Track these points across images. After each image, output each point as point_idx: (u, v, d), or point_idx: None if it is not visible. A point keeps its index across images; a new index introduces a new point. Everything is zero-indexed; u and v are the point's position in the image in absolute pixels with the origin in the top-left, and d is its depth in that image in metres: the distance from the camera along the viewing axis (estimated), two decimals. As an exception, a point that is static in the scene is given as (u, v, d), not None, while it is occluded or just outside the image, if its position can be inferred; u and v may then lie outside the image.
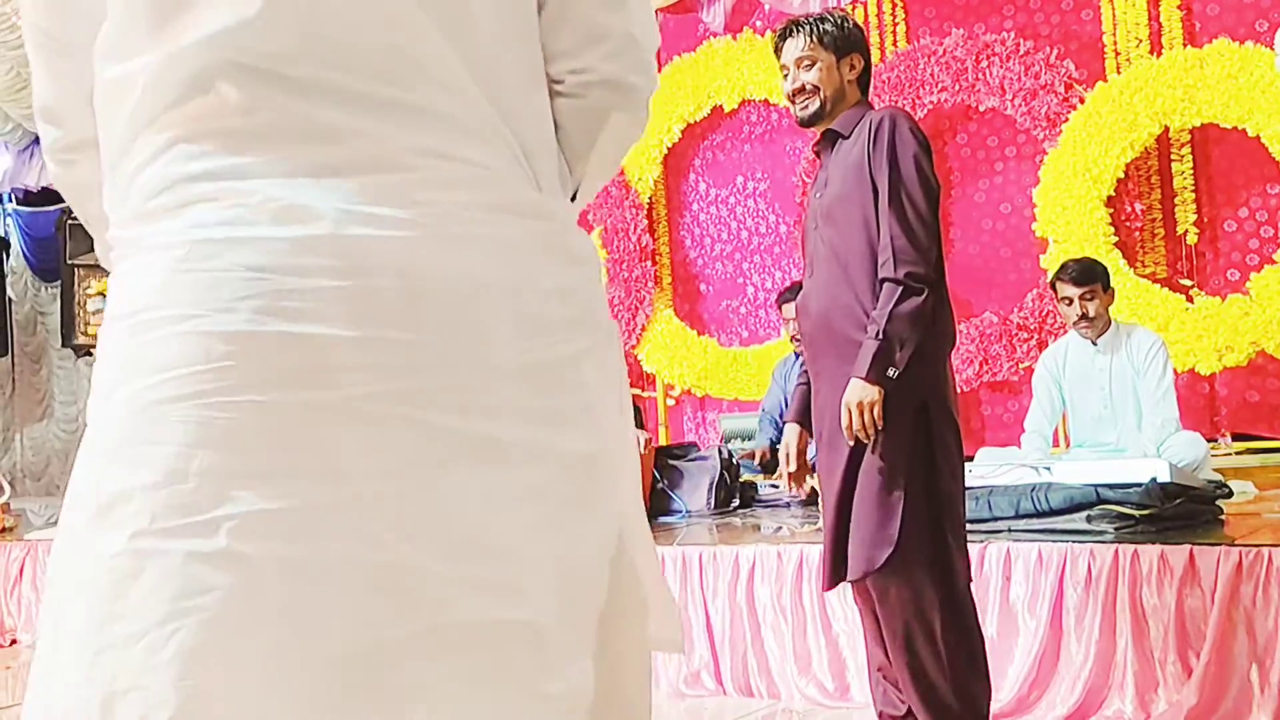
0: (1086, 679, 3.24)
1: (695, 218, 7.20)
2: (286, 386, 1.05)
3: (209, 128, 1.09)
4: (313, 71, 1.09)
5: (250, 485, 1.03)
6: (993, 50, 5.93)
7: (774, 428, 5.77)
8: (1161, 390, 4.61)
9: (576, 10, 1.24)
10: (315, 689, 1.02)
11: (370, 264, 1.07)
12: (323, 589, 1.03)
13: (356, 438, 1.06)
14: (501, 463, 1.11)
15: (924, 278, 2.70)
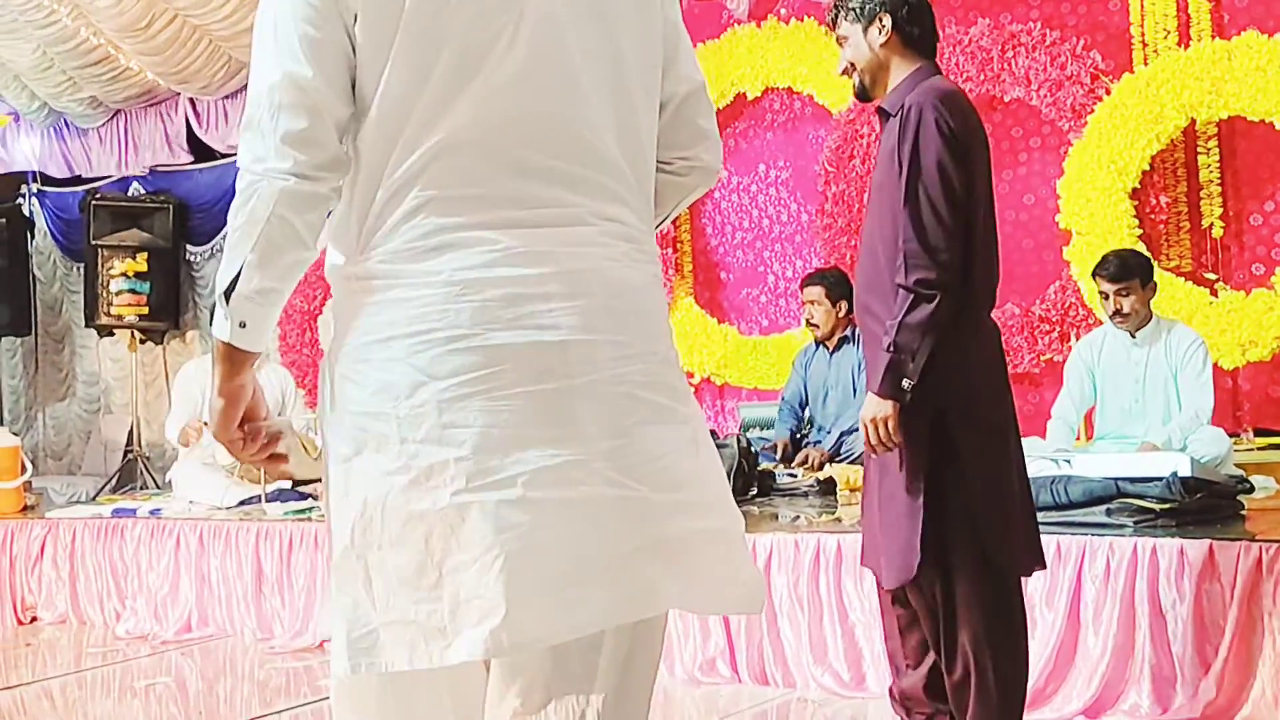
0: (1104, 672, 3.24)
1: (717, 205, 7.19)
2: (544, 380, 1.52)
3: (459, 195, 1.54)
4: (533, 156, 1.56)
5: (530, 450, 1.51)
6: (1019, 40, 5.89)
7: (794, 417, 5.75)
8: (1200, 382, 4.59)
9: (687, 117, 1.76)
10: (587, 586, 1.50)
11: (585, 289, 1.56)
12: (585, 518, 1.51)
13: (591, 410, 1.54)
14: (672, 422, 1.61)
15: (936, 283, 2.59)
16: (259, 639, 4.92)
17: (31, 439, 9.78)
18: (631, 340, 1.59)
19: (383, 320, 1.54)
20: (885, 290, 2.68)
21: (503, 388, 1.51)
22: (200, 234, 9.18)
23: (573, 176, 1.58)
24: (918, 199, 2.63)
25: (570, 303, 1.55)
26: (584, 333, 1.55)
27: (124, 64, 8.55)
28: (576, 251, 1.57)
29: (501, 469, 1.50)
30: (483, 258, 1.52)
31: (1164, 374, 4.67)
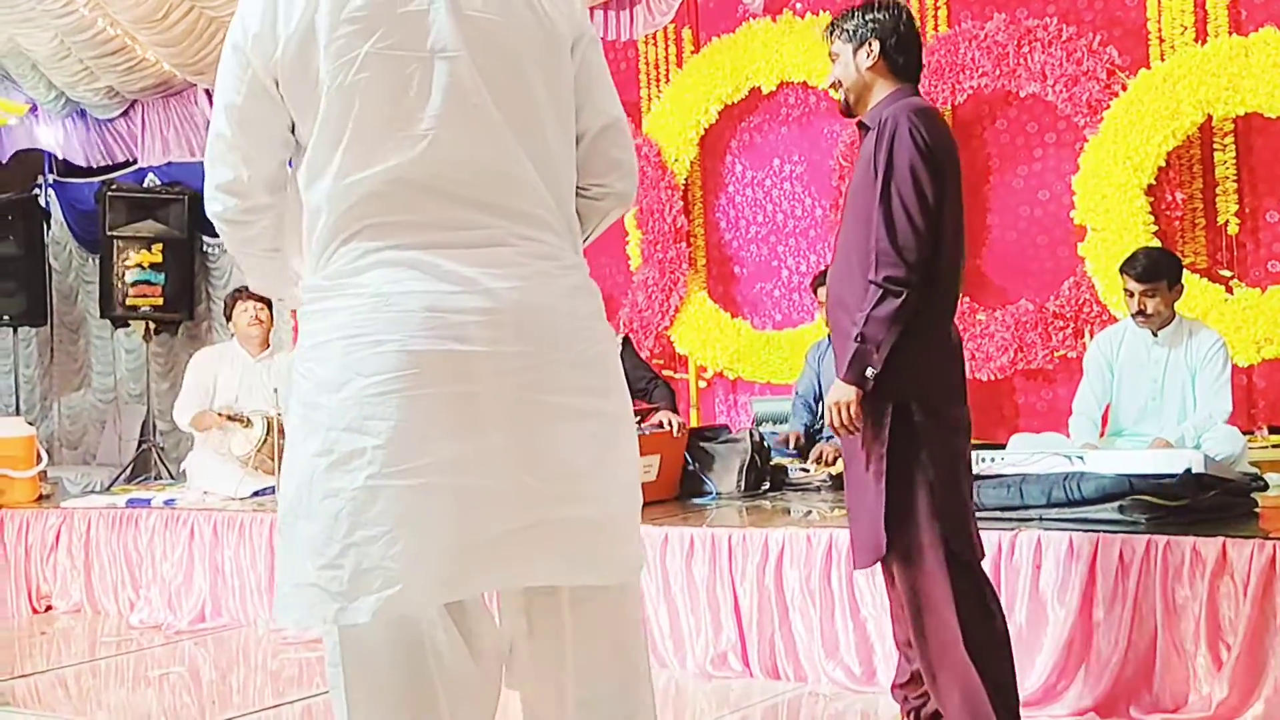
0: (1115, 669, 3.23)
1: (731, 200, 7.18)
2: (453, 382, 1.78)
3: (388, 221, 1.80)
4: (454, 187, 1.81)
5: (436, 444, 1.76)
6: (1035, 35, 5.87)
7: (807, 412, 5.75)
8: (1219, 384, 4.58)
9: (601, 149, 2.02)
10: (475, 558, 1.78)
11: (498, 305, 1.81)
12: (479, 502, 1.78)
13: (493, 410, 1.80)
14: (573, 420, 1.87)
15: (903, 280, 2.76)
16: (272, 629, 4.94)
17: (46, 429, 9.82)
18: (538, 350, 1.85)
19: (325, 325, 1.83)
20: (857, 288, 2.85)
21: (416, 388, 1.78)
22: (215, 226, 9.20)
23: (492, 203, 1.84)
24: (890, 201, 2.79)
25: (483, 317, 1.81)
26: (492, 344, 1.81)
27: (140, 54, 8.57)
28: (494, 271, 1.83)
29: (410, 458, 1.76)
30: (406, 274, 1.80)
31: (1183, 376, 4.66)
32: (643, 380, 5.24)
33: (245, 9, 1.84)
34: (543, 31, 1.91)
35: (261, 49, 1.81)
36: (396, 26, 1.80)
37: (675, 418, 4.89)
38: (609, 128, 2.04)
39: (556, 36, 1.93)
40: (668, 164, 7.05)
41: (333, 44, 1.78)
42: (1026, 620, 3.38)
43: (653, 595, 4.06)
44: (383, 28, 1.79)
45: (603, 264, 7.24)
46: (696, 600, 3.97)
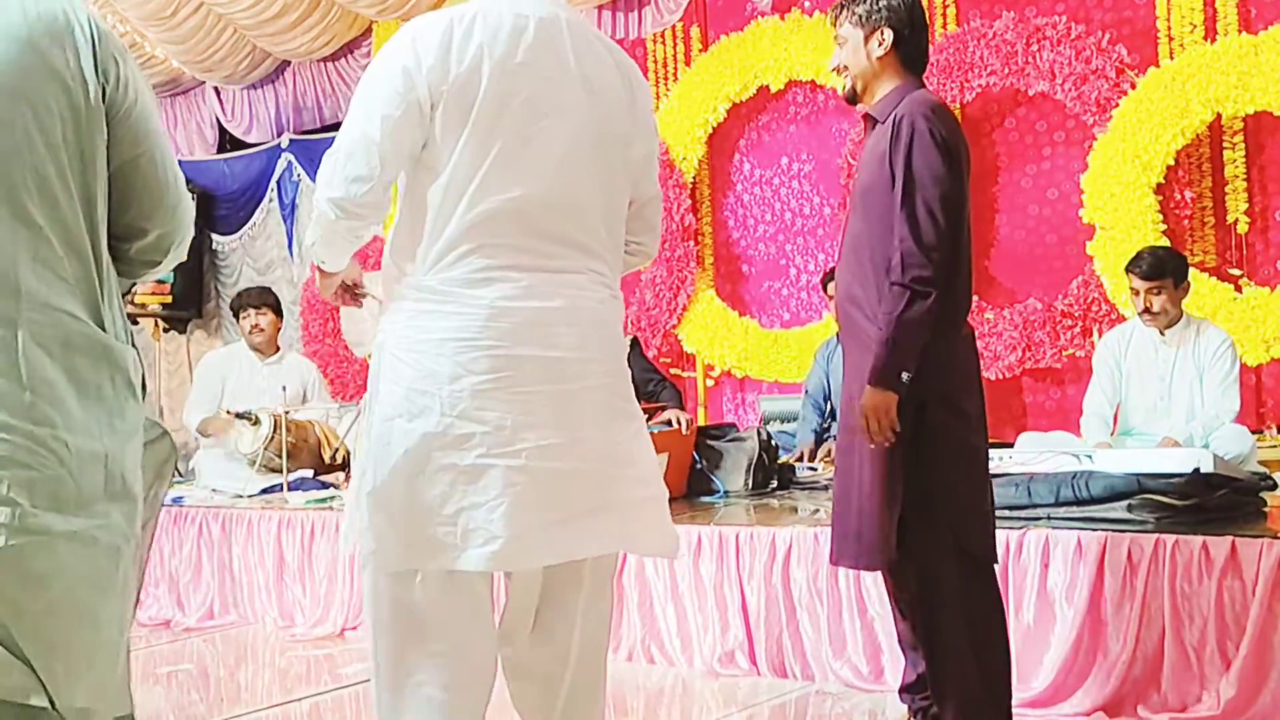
0: (1124, 669, 3.23)
1: (739, 198, 7.18)
2: (548, 382, 2.20)
3: (501, 243, 2.19)
4: (551, 223, 2.23)
5: (533, 432, 2.18)
6: (1044, 34, 5.87)
7: (817, 413, 5.74)
8: (1226, 383, 4.57)
9: (646, 216, 2.49)
10: (562, 529, 2.20)
11: (579, 320, 2.24)
12: (567, 483, 2.20)
13: (578, 407, 2.23)
14: (628, 418, 2.34)
15: (931, 280, 2.72)
16: (280, 627, 4.95)
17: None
18: (605, 359, 2.29)
19: (439, 325, 2.19)
20: (870, 284, 2.82)
21: (518, 385, 2.18)
22: (225, 223, 9.23)
23: (574, 239, 2.26)
24: (914, 202, 2.75)
25: (569, 329, 2.23)
26: (578, 351, 2.23)
27: (149, 51, 8.60)
28: (573, 293, 2.25)
29: (512, 443, 2.17)
30: (513, 290, 2.19)
31: (1191, 375, 4.65)
32: (650, 382, 5.25)
33: (424, 41, 2.18)
34: (633, 117, 2.38)
35: (432, 78, 2.17)
36: (541, 85, 2.22)
37: (683, 415, 4.89)
38: (653, 200, 2.50)
39: (641, 122, 2.40)
40: (676, 162, 7.05)
41: (492, 87, 2.17)
42: (1034, 619, 3.37)
43: (660, 593, 4.06)
44: (531, 83, 2.20)
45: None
46: (704, 598, 3.97)
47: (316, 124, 8.77)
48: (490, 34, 2.19)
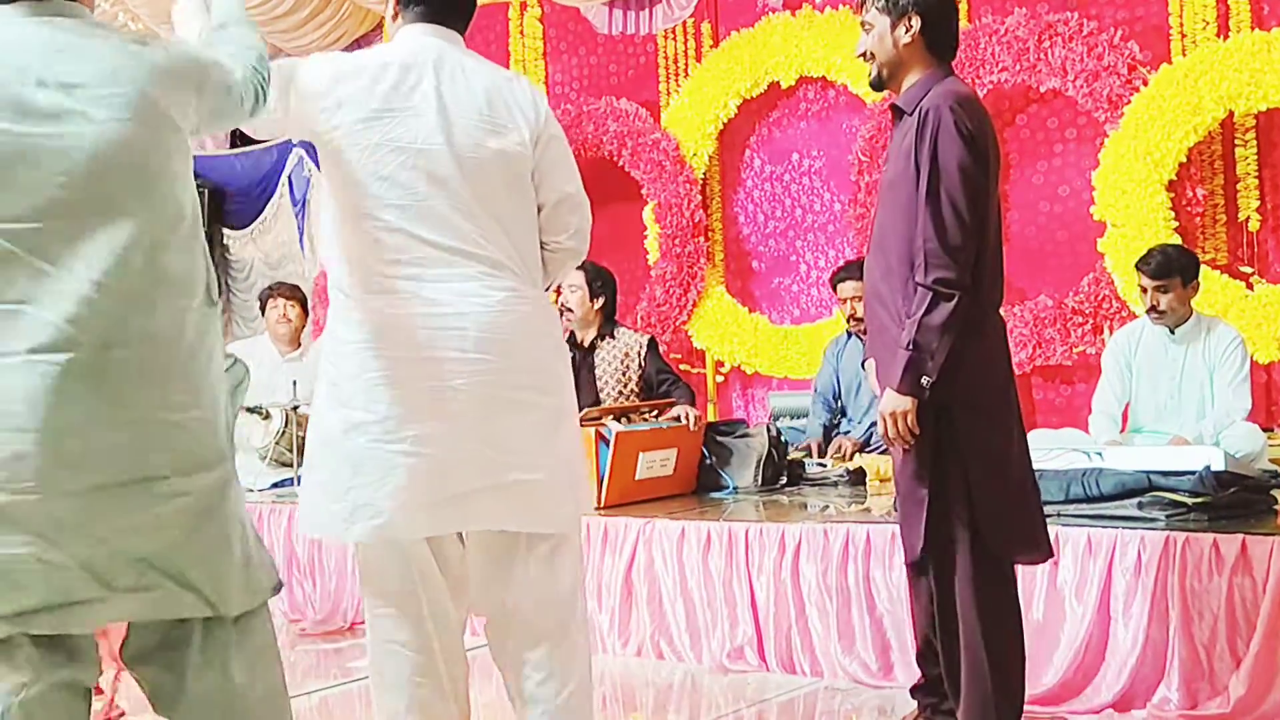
0: (1133, 666, 3.23)
1: (749, 194, 7.18)
2: (429, 379, 2.51)
3: (388, 258, 2.52)
4: (427, 236, 2.53)
5: (415, 424, 2.49)
6: (1055, 30, 5.85)
7: (826, 409, 5.74)
8: (1236, 382, 4.55)
9: (558, 216, 2.72)
10: (443, 507, 2.52)
11: (466, 322, 2.53)
12: (448, 467, 2.51)
13: (461, 400, 2.52)
14: (522, 410, 2.59)
15: (955, 282, 2.66)
16: (290, 620, 4.96)
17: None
18: (494, 355, 2.54)
19: (346, 331, 2.56)
20: (895, 283, 2.78)
21: (405, 383, 2.50)
22: (236, 218, 9.24)
23: (458, 249, 2.55)
24: (939, 198, 2.69)
25: (453, 331, 2.52)
26: (459, 351, 2.52)
27: (161, 49, 8.60)
28: (459, 298, 2.53)
29: (397, 432, 2.49)
30: (398, 300, 2.52)
31: (1201, 374, 4.63)
32: (664, 382, 5.26)
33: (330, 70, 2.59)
34: (512, 134, 2.65)
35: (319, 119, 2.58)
36: (404, 120, 2.55)
37: (692, 411, 4.90)
38: (563, 200, 2.72)
39: (534, 136, 2.68)
40: (686, 158, 7.05)
41: (361, 129, 2.53)
42: (1044, 616, 3.37)
43: (669, 589, 4.07)
44: (392, 121, 2.55)
45: (621, 259, 7.24)
46: (713, 594, 3.98)
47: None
48: (364, 82, 2.56)
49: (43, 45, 1.93)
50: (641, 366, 5.29)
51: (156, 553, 1.92)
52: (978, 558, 2.76)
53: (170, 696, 2.02)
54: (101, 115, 1.91)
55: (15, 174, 1.87)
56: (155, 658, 2.02)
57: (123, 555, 1.89)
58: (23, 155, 1.87)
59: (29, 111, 1.89)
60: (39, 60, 1.91)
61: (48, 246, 1.88)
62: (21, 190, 1.87)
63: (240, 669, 2.03)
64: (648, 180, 7.10)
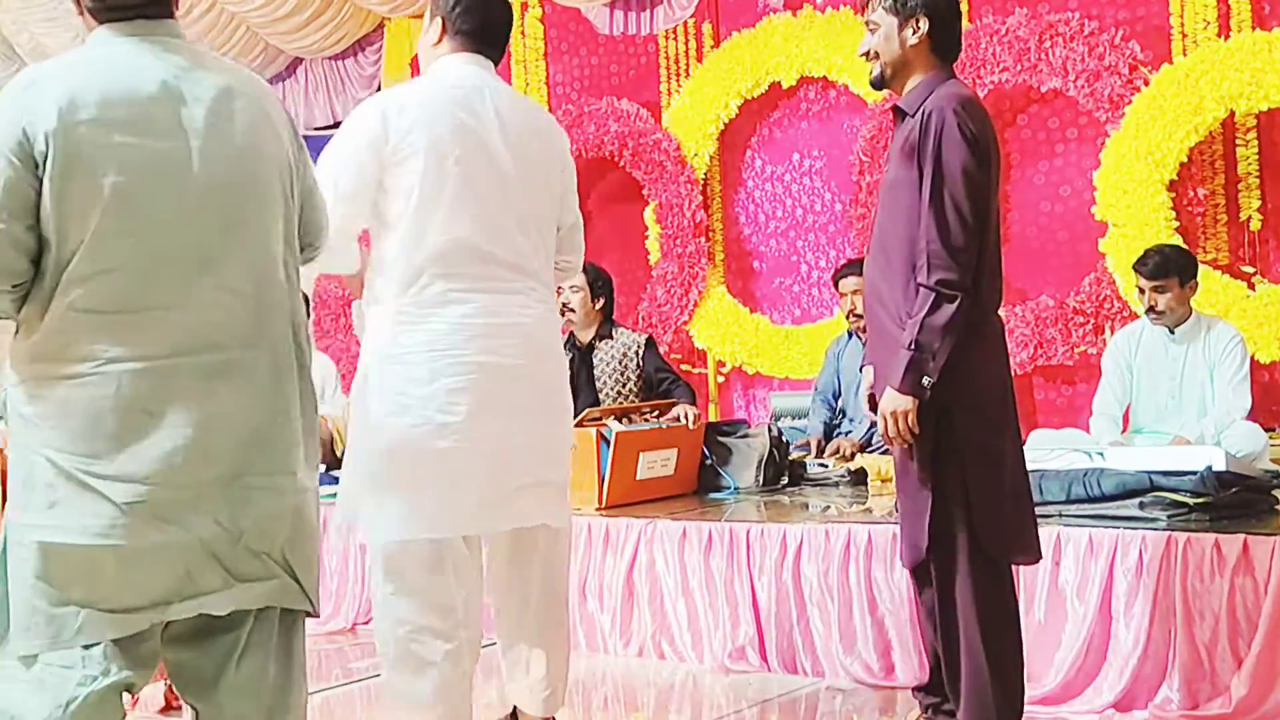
0: (1134, 666, 3.23)
1: (750, 194, 7.17)
2: (498, 383, 2.74)
3: (454, 271, 2.72)
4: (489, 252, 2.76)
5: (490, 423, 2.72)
6: (1056, 30, 5.85)
7: (827, 409, 5.74)
8: (1236, 381, 4.55)
9: (570, 237, 3.04)
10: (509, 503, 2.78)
11: (517, 333, 2.77)
12: (511, 466, 2.77)
13: (518, 404, 2.77)
14: (556, 411, 2.91)
15: (957, 284, 2.68)
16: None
17: None
18: (540, 365, 2.83)
19: (415, 340, 2.70)
20: (896, 284, 2.79)
21: (478, 386, 2.71)
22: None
23: (512, 264, 2.78)
24: (942, 200, 2.70)
25: (511, 340, 2.75)
26: (515, 358, 2.76)
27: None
28: (514, 310, 2.77)
29: (473, 432, 2.69)
30: (470, 310, 2.71)
31: (1202, 373, 4.63)
32: (664, 381, 5.26)
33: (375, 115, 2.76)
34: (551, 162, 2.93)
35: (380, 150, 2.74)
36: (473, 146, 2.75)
37: (691, 411, 4.90)
38: (575, 224, 3.05)
39: (557, 165, 2.95)
40: (687, 159, 7.05)
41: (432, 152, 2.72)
42: (1045, 616, 3.37)
43: (670, 589, 4.07)
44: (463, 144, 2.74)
45: (622, 259, 7.24)
46: (715, 594, 3.98)
47: (328, 120, 8.79)
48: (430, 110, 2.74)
49: (174, 60, 2.05)
50: (640, 366, 5.30)
51: (276, 545, 2.06)
52: (976, 559, 2.76)
53: (207, 682, 2.08)
54: (236, 127, 2.06)
55: (163, 186, 1.98)
56: (198, 642, 2.07)
57: (250, 546, 2.03)
58: (171, 167, 1.99)
59: (176, 125, 2.01)
60: (176, 74, 2.04)
61: (191, 253, 2.00)
62: (168, 201, 1.98)
63: (279, 663, 2.12)
64: (648, 180, 7.10)
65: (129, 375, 1.94)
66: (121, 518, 1.92)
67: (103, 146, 1.94)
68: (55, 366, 1.95)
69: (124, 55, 2.03)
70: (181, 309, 1.98)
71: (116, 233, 1.94)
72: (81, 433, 1.93)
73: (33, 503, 1.94)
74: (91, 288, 1.94)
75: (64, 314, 1.94)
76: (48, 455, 1.94)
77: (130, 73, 2.00)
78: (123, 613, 1.94)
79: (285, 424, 2.08)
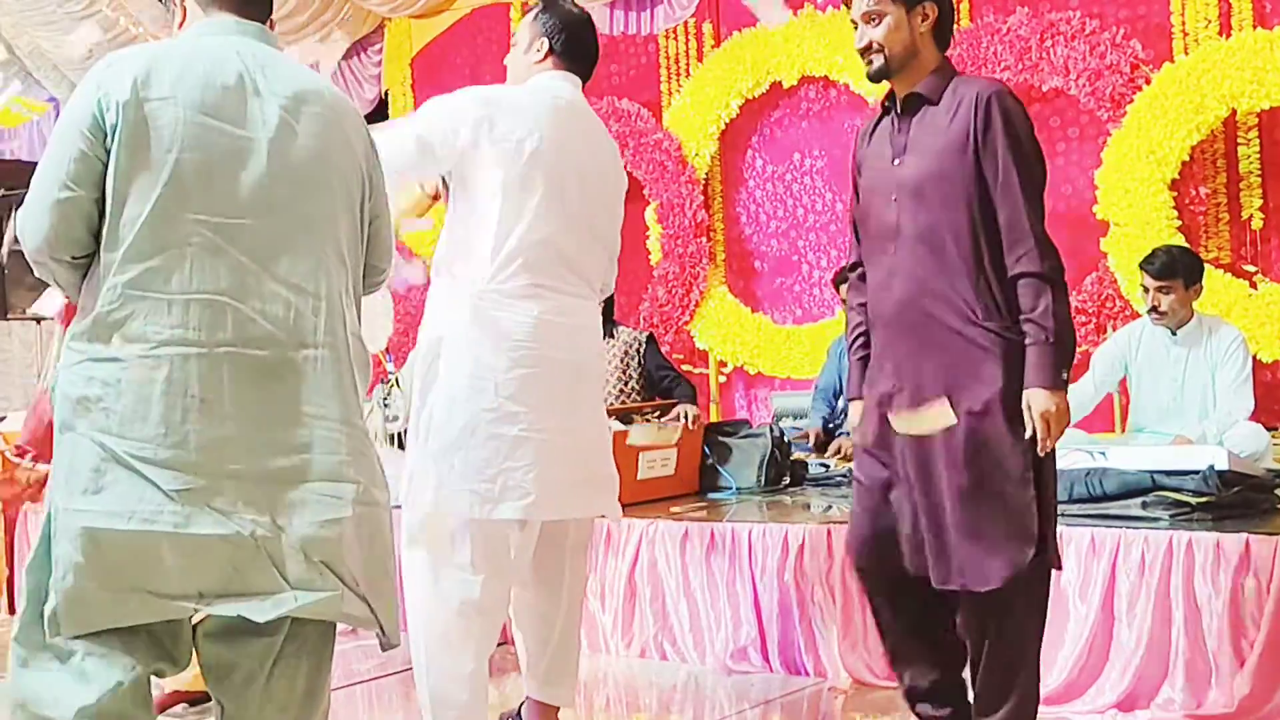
0: (1137, 666, 3.22)
1: (751, 194, 7.17)
2: (568, 379, 2.92)
3: (540, 268, 2.88)
4: (568, 256, 2.93)
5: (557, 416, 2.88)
6: (1057, 29, 5.84)
7: (827, 407, 5.74)
8: (1238, 382, 4.54)
9: (613, 267, 3.21)
10: (573, 492, 2.93)
11: (584, 331, 2.99)
12: (574, 456, 2.93)
13: (583, 398, 2.98)
14: (603, 410, 3.12)
15: (1063, 270, 2.64)
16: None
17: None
18: (598, 365, 3.09)
19: (496, 328, 2.82)
20: (963, 279, 2.64)
21: (551, 379, 2.86)
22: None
23: (583, 271, 2.98)
24: (1029, 185, 2.65)
25: (580, 339, 2.94)
26: (584, 355, 2.96)
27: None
28: (582, 313, 2.98)
29: (543, 422, 2.83)
30: (551, 306, 2.87)
31: (1204, 375, 4.62)
32: (665, 379, 5.25)
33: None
34: (619, 184, 3.20)
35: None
36: (567, 153, 2.93)
37: (692, 410, 4.90)
38: (616, 255, 3.21)
39: (621, 197, 3.19)
40: (688, 159, 7.05)
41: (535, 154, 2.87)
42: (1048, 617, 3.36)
43: (672, 590, 4.07)
44: (557, 155, 2.91)
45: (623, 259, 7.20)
46: (716, 595, 3.98)
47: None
48: (534, 114, 2.91)
49: (255, 57, 2.07)
50: (642, 363, 5.29)
51: (339, 558, 2.00)
52: (1041, 569, 2.63)
53: (237, 682, 2.05)
54: (307, 129, 2.07)
55: (229, 173, 1.98)
56: (233, 641, 2.04)
57: (307, 553, 1.97)
58: (238, 155, 1.99)
59: (248, 116, 2.02)
60: (254, 69, 2.05)
61: (253, 244, 1.98)
62: (233, 188, 1.98)
63: (309, 674, 2.11)
64: (649, 180, 7.10)
65: (180, 360, 1.92)
66: (170, 504, 1.89)
67: (172, 122, 1.95)
68: (107, 348, 1.93)
69: (209, 47, 2.06)
70: (239, 299, 1.96)
71: (176, 210, 1.94)
72: (130, 416, 1.90)
73: (77, 487, 1.91)
74: (148, 266, 1.93)
75: (120, 293, 1.93)
76: (95, 438, 1.91)
77: (211, 61, 2.02)
78: (167, 598, 1.91)
79: (349, 432, 2.05)
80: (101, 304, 1.94)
